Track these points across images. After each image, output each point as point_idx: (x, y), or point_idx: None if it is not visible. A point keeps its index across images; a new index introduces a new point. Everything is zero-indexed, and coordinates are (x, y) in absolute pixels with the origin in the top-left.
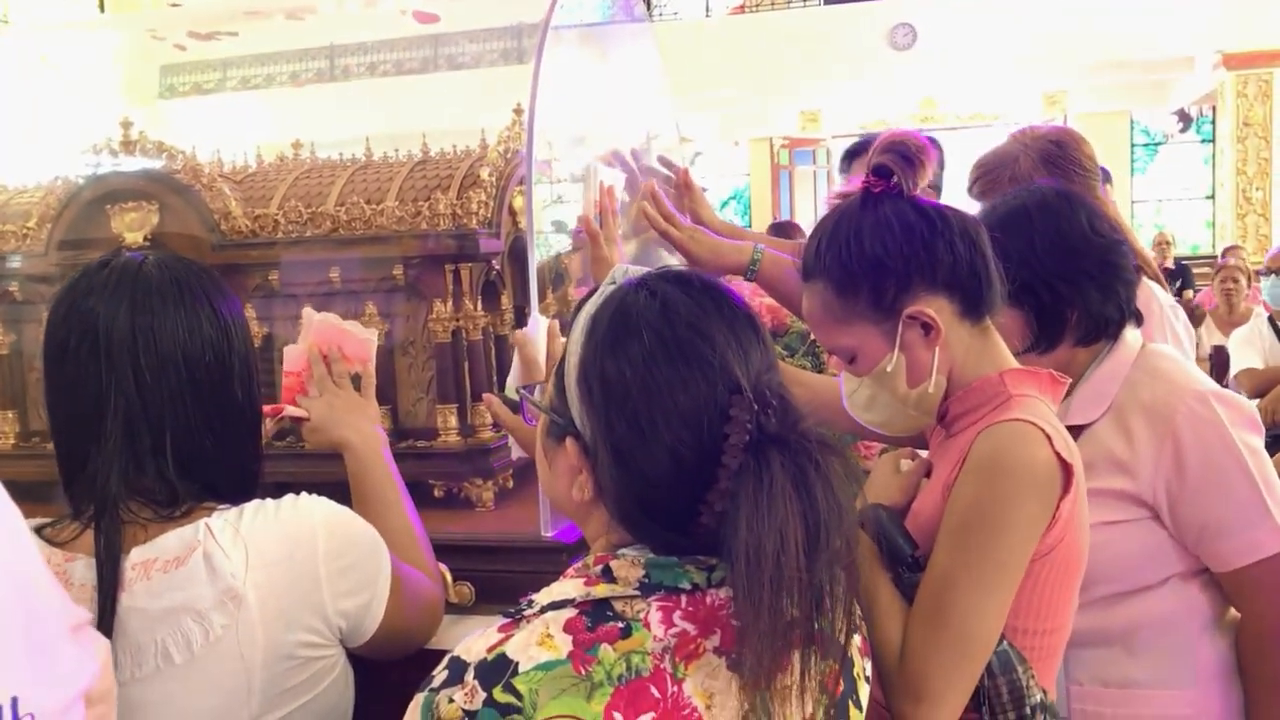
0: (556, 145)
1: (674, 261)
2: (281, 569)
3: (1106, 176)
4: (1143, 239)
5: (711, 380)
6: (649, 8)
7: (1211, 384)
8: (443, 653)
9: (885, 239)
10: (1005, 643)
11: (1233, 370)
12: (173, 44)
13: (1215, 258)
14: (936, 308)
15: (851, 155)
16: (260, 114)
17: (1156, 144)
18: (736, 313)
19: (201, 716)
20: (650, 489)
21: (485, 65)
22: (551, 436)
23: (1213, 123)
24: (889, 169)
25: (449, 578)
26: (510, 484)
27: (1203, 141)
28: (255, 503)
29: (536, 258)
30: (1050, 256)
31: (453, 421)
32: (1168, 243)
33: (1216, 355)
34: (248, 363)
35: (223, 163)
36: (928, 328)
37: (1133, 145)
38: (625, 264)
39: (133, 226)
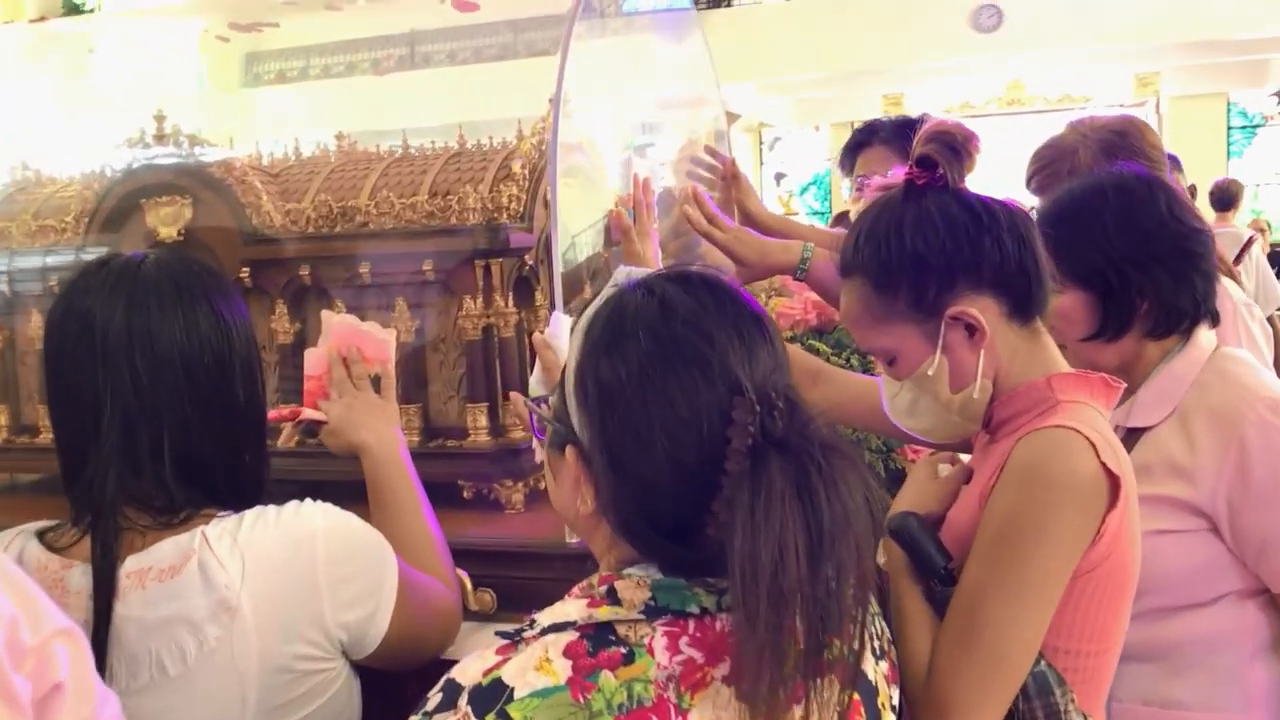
0: (595, 137)
1: (721, 262)
2: (279, 579)
3: (1176, 164)
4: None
5: (711, 381)
6: None
7: None
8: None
9: (928, 234)
10: (1044, 663)
11: None
12: (215, 35)
13: None
14: (982, 307)
15: (855, 147)
16: (339, 101)
17: (1255, 126)
18: (742, 310)
19: None
20: (650, 498)
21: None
22: (554, 446)
23: None
24: (933, 160)
25: (468, 584)
26: (542, 485)
27: None
28: (256, 510)
29: (576, 253)
30: (1123, 240)
31: (483, 421)
32: (1264, 229)
33: None
34: (250, 364)
35: (261, 155)
36: (972, 329)
37: (1229, 128)
38: (628, 267)
39: (166, 221)
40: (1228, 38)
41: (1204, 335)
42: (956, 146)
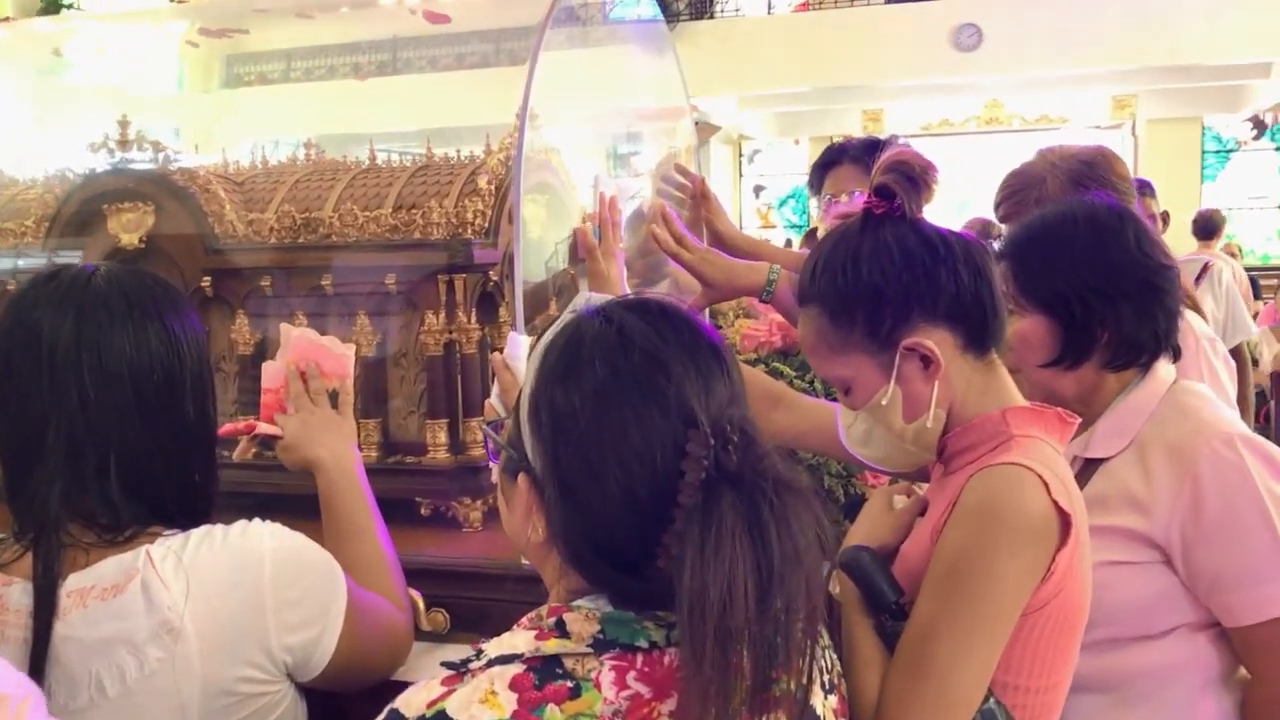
0: (564, 152)
1: (688, 282)
2: (224, 600)
3: (1148, 189)
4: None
5: (666, 413)
6: (710, 3)
7: (1242, 427)
8: (410, 685)
9: (884, 265)
10: (993, 700)
11: None
12: (185, 40)
13: None
14: (937, 339)
15: (824, 166)
16: (319, 105)
17: (1228, 151)
18: (699, 341)
19: None
20: (601, 529)
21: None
22: (507, 471)
23: None
24: (891, 190)
25: (421, 604)
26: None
27: (1277, 149)
28: (203, 529)
29: (544, 270)
30: (1089, 270)
31: (442, 438)
32: (1235, 254)
33: None
34: (201, 381)
35: (227, 163)
36: (927, 360)
37: (1204, 152)
38: (589, 293)
39: (128, 228)
40: (1204, 63)
41: (1163, 368)
42: (914, 176)
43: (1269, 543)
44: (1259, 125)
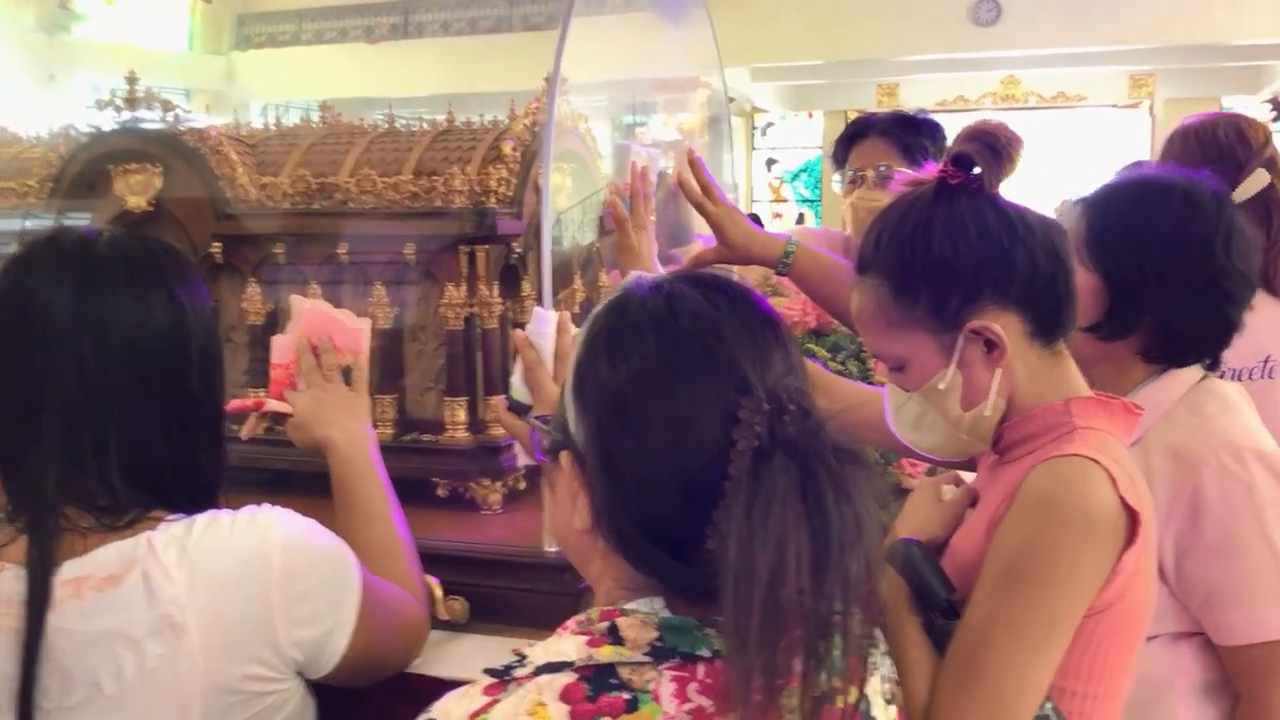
0: (591, 119)
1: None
2: (230, 595)
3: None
4: None
5: (718, 378)
6: None
7: (1257, 440)
8: (427, 679)
9: (957, 240)
10: (1049, 706)
11: None
12: None
13: None
14: (1004, 324)
15: (850, 139)
16: (330, 68)
17: None
18: (755, 312)
19: None
20: (648, 505)
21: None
22: (549, 453)
23: None
24: (971, 160)
25: (438, 592)
26: (522, 485)
27: None
28: (209, 515)
29: (564, 240)
30: (1160, 247)
31: (461, 416)
32: None
33: None
34: (208, 357)
35: (239, 125)
36: (992, 345)
37: None
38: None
39: (136, 189)
40: (1224, 43)
41: (1191, 368)
42: (999, 148)
43: (1269, 564)
44: (1278, 107)
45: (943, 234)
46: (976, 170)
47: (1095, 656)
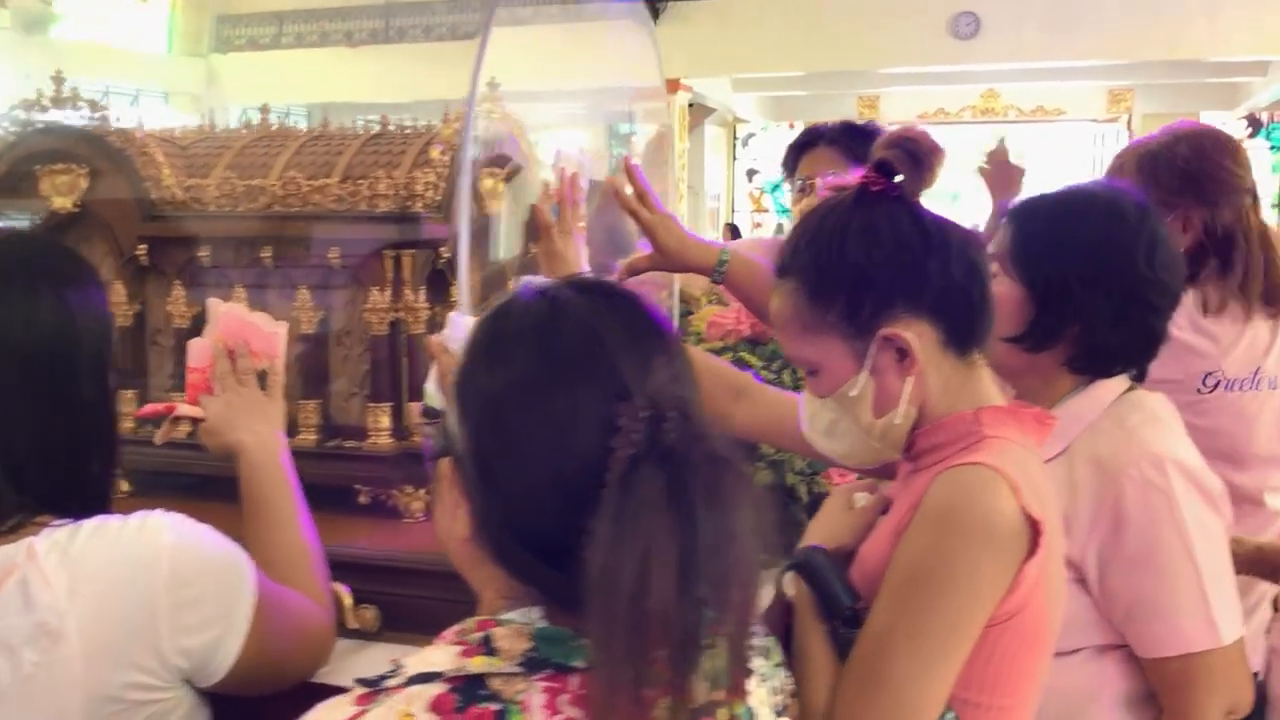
0: (534, 128)
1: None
2: (113, 600)
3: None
4: None
5: (596, 385)
6: None
7: (1179, 451)
8: (331, 688)
9: (872, 248)
10: (951, 716)
11: None
12: None
13: None
14: (917, 332)
15: (800, 148)
16: (313, 71)
17: None
18: (642, 319)
19: None
20: (526, 514)
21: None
22: (432, 459)
23: None
24: (892, 167)
25: (348, 601)
26: None
27: (1272, 149)
28: (97, 520)
29: (504, 250)
30: (1082, 256)
31: (385, 422)
32: None
33: None
34: (99, 362)
35: (172, 127)
36: (904, 353)
37: None
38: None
39: (61, 190)
40: (1202, 59)
41: (1117, 379)
42: (920, 156)
43: (1189, 575)
44: (1254, 123)
45: (858, 240)
46: (899, 178)
47: (999, 667)
